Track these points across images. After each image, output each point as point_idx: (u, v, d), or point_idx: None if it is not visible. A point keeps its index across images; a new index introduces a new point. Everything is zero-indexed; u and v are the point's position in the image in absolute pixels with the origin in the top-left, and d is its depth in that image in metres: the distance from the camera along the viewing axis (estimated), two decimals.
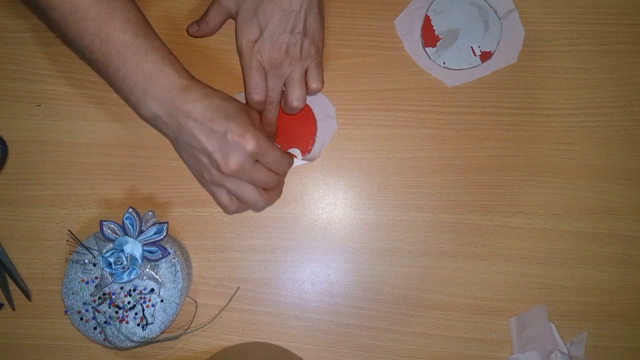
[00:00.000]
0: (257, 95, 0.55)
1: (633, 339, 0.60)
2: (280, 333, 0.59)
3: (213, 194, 0.55)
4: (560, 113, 0.60)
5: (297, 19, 0.53)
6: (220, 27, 0.58)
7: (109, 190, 0.59)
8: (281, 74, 0.55)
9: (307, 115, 0.59)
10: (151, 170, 0.59)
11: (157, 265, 0.54)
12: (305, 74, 0.56)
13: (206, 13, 0.57)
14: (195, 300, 0.59)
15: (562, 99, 0.60)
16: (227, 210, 0.55)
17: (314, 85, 0.57)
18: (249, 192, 0.53)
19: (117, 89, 0.52)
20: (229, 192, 0.54)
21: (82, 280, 0.54)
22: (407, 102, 0.60)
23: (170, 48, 0.52)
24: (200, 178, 0.54)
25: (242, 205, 0.55)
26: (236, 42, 0.55)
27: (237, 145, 0.49)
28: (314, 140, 0.60)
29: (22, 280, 0.58)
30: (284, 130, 0.60)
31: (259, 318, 0.59)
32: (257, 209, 0.55)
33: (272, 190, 0.55)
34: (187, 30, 0.58)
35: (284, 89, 0.57)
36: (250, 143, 0.50)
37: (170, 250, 0.54)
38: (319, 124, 0.59)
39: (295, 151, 0.59)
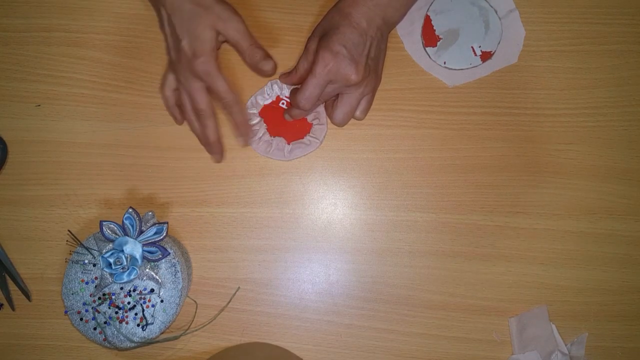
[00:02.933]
0: (307, 104, 0.55)
1: (633, 339, 0.60)
2: (280, 333, 0.59)
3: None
4: (561, 113, 0.60)
5: (372, 43, 0.54)
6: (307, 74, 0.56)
7: (108, 190, 0.59)
8: (332, 91, 0.55)
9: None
10: (151, 170, 0.59)
11: (157, 266, 0.54)
12: (340, 96, 0.56)
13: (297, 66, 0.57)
14: (195, 301, 0.59)
15: (562, 99, 0.60)
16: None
17: (361, 115, 0.58)
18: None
19: None
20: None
21: (82, 281, 0.54)
22: (407, 102, 0.60)
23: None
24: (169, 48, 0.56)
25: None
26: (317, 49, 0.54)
27: (184, 61, 0.53)
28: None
29: (22, 280, 0.58)
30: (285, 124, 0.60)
31: (259, 318, 0.59)
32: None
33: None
34: (279, 78, 0.59)
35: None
36: (196, 66, 0.52)
37: (170, 251, 0.54)
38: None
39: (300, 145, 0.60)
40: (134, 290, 0.54)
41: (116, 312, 0.54)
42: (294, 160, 0.60)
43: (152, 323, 0.54)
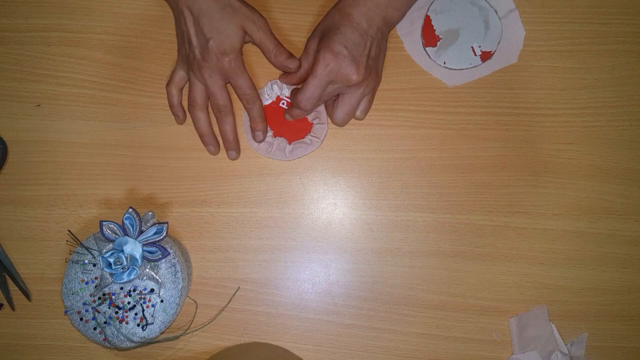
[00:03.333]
0: (308, 105, 0.55)
1: (633, 339, 0.60)
2: (281, 333, 0.59)
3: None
4: (560, 113, 0.60)
5: (372, 43, 0.54)
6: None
7: (109, 190, 0.59)
8: (333, 91, 0.56)
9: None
10: (151, 170, 0.59)
11: (157, 266, 0.54)
12: (341, 96, 0.57)
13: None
14: (195, 301, 0.59)
15: (562, 99, 0.60)
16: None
17: (361, 115, 0.58)
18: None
19: None
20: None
21: (82, 281, 0.54)
22: (407, 102, 0.60)
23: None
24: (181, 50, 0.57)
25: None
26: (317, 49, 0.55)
27: (212, 59, 0.54)
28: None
29: (22, 280, 0.58)
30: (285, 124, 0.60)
31: (259, 318, 0.59)
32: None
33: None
34: (279, 78, 0.60)
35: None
36: (223, 64, 0.54)
37: (170, 251, 0.54)
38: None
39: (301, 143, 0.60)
40: (134, 290, 0.54)
41: (116, 312, 0.53)
42: (294, 160, 0.60)
43: (152, 323, 0.54)
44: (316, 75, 0.53)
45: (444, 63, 0.60)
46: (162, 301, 0.54)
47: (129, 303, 0.54)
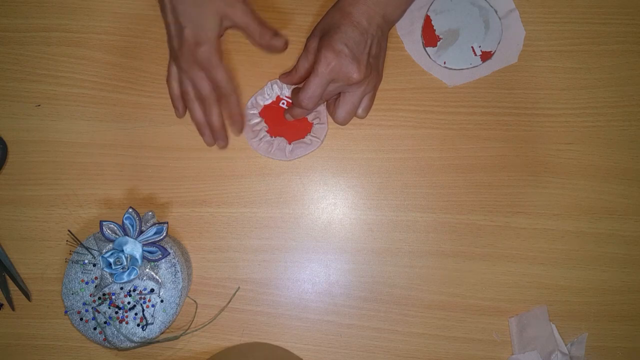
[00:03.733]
0: (310, 104, 0.55)
1: (633, 340, 0.60)
2: (281, 333, 0.59)
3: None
4: (560, 113, 0.60)
5: (372, 41, 0.54)
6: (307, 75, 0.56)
7: (108, 190, 0.59)
8: (334, 89, 0.55)
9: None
10: (151, 170, 0.59)
11: (157, 266, 0.54)
12: (342, 95, 0.56)
13: (296, 65, 0.57)
14: (195, 301, 0.59)
15: (562, 99, 0.60)
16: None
17: (363, 113, 0.58)
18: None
19: None
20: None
21: (82, 281, 0.54)
22: (407, 102, 0.60)
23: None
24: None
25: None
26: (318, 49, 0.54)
27: (187, 50, 0.53)
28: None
29: (22, 280, 0.58)
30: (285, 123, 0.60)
31: (259, 318, 0.59)
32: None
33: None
34: (279, 78, 0.59)
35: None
36: (197, 55, 0.52)
37: (170, 251, 0.54)
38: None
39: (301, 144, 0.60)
40: (134, 290, 0.54)
41: (116, 312, 0.53)
42: (294, 160, 0.60)
43: (152, 323, 0.54)
44: (318, 74, 0.53)
45: (444, 63, 0.60)
46: (162, 301, 0.54)
47: (129, 303, 0.54)
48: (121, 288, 0.54)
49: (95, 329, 0.54)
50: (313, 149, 0.59)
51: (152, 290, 0.54)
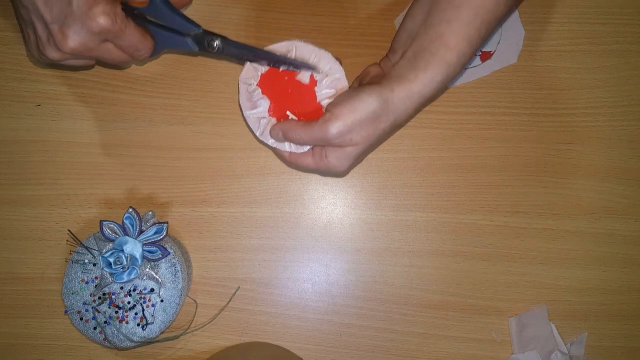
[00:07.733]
0: (292, 165, 0.52)
1: (633, 339, 0.60)
2: (281, 333, 0.59)
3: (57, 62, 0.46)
4: (560, 113, 0.60)
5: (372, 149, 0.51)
6: None
7: (109, 190, 0.59)
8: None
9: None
10: (151, 170, 0.59)
11: (157, 266, 0.54)
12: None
13: None
14: (195, 300, 0.59)
15: (562, 99, 0.60)
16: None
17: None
18: (88, 66, 0.47)
19: None
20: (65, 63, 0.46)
21: (82, 281, 0.54)
22: None
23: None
24: (34, 48, 0.45)
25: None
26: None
27: (82, 19, 0.40)
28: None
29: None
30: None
31: (259, 318, 0.59)
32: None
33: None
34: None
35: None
36: (99, 20, 0.41)
37: (170, 251, 0.54)
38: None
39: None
40: (134, 290, 0.54)
41: (116, 312, 0.54)
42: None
43: (153, 323, 0.54)
44: (314, 163, 0.50)
45: None
46: (162, 301, 0.54)
47: (129, 303, 0.54)
48: (121, 288, 0.54)
49: (95, 328, 0.54)
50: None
51: (152, 290, 0.54)
